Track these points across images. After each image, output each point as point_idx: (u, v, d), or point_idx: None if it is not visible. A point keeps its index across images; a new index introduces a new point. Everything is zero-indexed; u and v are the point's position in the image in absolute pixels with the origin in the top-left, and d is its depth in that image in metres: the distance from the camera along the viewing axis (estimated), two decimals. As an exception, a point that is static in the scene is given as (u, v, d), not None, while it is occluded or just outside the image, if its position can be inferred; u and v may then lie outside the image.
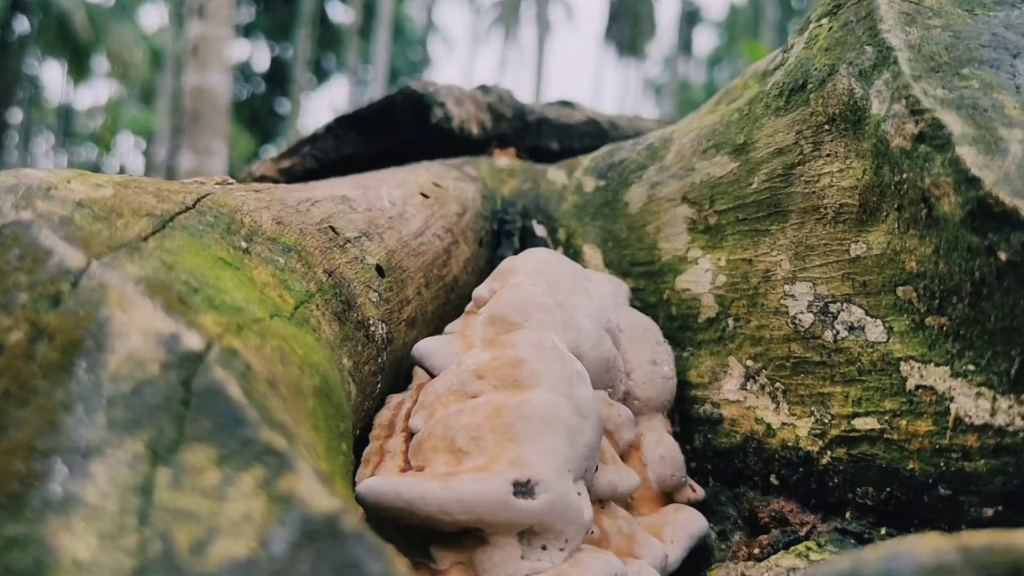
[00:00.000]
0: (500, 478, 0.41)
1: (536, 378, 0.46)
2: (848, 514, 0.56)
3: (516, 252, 0.80)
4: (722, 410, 0.64)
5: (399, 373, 0.62)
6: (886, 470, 0.53)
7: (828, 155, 0.59)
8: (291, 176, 1.01)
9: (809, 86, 0.62)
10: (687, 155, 0.72)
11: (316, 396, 0.41)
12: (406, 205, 0.72)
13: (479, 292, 0.58)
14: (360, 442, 0.52)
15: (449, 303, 0.73)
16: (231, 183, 0.55)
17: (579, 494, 0.44)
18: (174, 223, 0.42)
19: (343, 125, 1.01)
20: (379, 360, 0.57)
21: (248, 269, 0.45)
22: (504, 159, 0.97)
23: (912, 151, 0.50)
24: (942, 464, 0.50)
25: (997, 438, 0.47)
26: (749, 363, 0.63)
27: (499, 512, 0.40)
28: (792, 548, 0.55)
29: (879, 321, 0.55)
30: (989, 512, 0.48)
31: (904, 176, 0.51)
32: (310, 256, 0.53)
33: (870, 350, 0.55)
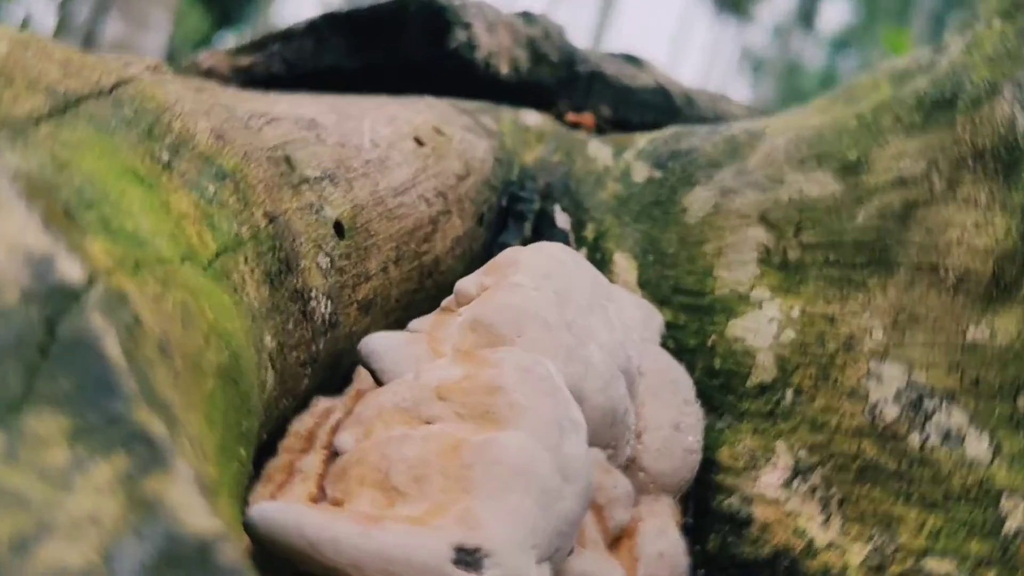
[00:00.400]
0: (440, 537, 0.41)
1: (516, 414, 0.46)
2: None
3: (525, 242, 0.80)
4: (754, 508, 0.64)
5: (336, 370, 0.62)
6: (953, 633, 0.53)
7: (964, 200, 0.60)
8: (249, 78, 1.01)
9: (959, 104, 0.62)
10: (778, 161, 0.72)
11: (219, 378, 0.41)
12: (392, 149, 0.72)
13: (465, 285, 0.58)
14: (266, 450, 0.52)
15: (422, 291, 0.73)
16: (166, 72, 0.56)
17: (540, 580, 0.44)
18: (80, 109, 0.42)
19: (330, 26, 1.01)
20: (313, 347, 0.57)
21: (165, 191, 0.45)
22: (534, 116, 0.97)
23: (1076, 218, 0.50)
24: (1029, 641, 0.50)
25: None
26: (802, 454, 0.63)
27: (429, 582, 0.40)
28: None
29: (985, 435, 0.55)
30: None
31: (1058, 249, 0.51)
32: (250, 190, 0.53)
33: (965, 470, 0.55)
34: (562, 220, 0.83)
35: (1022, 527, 0.52)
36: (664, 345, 0.70)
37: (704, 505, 0.66)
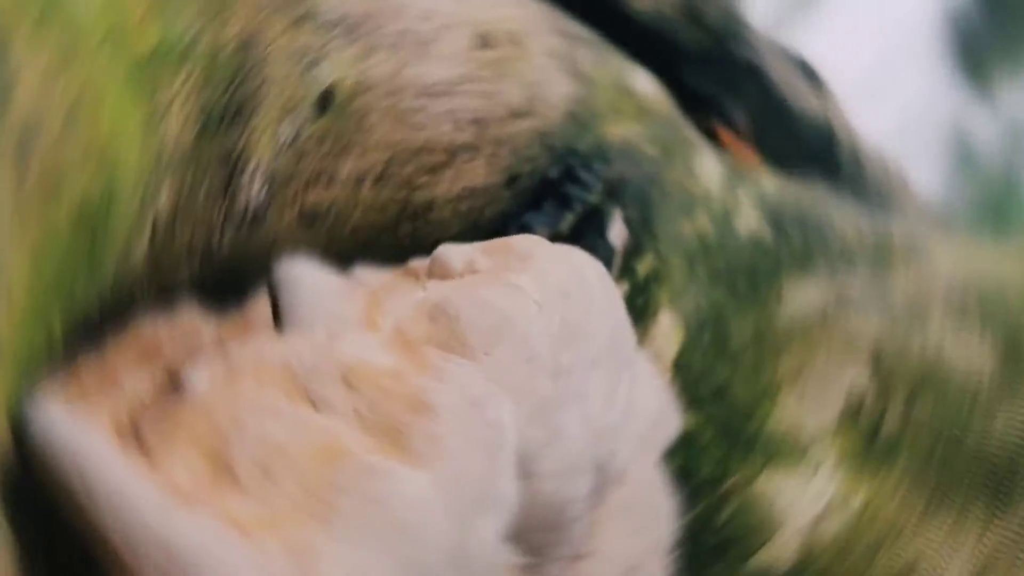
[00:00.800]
0: (258, 561, 0.41)
1: (432, 454, 0.46)
2: None
3: (554, 238, 0.80)
4: None
5: (232, 282, 0.62)
6: None
7: None
8: None
9: None
10: (931, 296, 0.72)
11: (76, 216, 0.41)
12: (446, 33, 0.72)
13: (448, 256, 0.58)
14: (92, 339, 0.52)
15: (393, 233, 0.73)
16: None
17: None
18: None
19: None
20: (216, 236, 0.57)
21: (127, -59, 0.45)
22: (647, 81, 0.97)
23: None
24: None
25: None
26: None
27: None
28: None
29: None
30: None
31: None
32: (236, -4, 0.53)
33: None
34: (616, 233, 0.83)
35: None
36: (667, 459, 0.70)
37: None
